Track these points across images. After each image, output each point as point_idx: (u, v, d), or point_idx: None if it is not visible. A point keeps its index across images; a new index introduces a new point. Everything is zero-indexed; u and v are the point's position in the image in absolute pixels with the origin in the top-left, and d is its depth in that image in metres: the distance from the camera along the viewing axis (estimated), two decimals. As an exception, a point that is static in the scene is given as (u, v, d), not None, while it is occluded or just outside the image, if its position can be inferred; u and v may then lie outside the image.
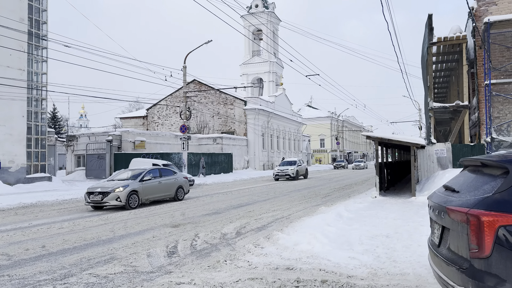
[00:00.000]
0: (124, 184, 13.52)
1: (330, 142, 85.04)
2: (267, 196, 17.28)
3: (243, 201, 15.52)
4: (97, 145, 31.73)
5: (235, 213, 12.08)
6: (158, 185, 14.76)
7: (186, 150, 28.32)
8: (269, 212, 12.32)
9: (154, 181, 14.58)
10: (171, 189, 15.42)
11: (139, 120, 50.39)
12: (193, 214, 12.09)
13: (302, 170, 30.82)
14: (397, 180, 21.86)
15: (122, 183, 13.58)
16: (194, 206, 14.07)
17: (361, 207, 11.79)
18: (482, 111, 14.67)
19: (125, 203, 13.11)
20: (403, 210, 10.83)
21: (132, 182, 13.72)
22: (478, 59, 14.86)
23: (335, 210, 10.83)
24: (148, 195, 14.21)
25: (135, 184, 13.72)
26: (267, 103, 50.92)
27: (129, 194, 13.26)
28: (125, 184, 13.52)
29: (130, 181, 13.77)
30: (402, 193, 15.47)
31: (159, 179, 14.84)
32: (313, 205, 13.97)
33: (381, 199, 13.52)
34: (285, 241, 7.55)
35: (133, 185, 13.62)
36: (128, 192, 13.25)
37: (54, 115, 73.54)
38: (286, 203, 14.59)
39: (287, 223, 10.03)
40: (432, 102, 15.61)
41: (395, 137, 13.15)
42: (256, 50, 71.13)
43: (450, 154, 15.30)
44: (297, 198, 16.34)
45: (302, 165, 31.12)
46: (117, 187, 13.22)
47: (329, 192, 18.88)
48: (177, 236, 8.71)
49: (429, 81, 15.60)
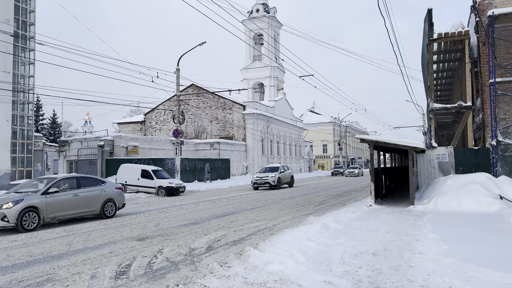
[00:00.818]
0: (17, 198, 10.37)
1: (333, 148, 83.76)
2: (257, 204, 16.21)
3: (229, 209, 14.46)
4: (89, 150, 30.83)
5: (215, 224, 11.02)
6: (73, 198, 11.46)
7: (179, 156, 27.31)
8: (253, 222, 11.26)
9: (66, 194, 11.33)
10: (94, 203, 12.11)
11: (136, 126, 49.55)
12: (168, 224, 11.04)
13: (285, 177, 27.02)
14: (398, 187, 20.69)
15: (15, 197, 10.47)
16: (173, 215, 13.02)
17: (353, 217, 10.68)
18: (486, 112, 13.55)
19: (15, 223, 9.99)
20: (398, 221, 9.71)
21: (30, 196, 10.59)
22: (482, 56, 13.76)
23: (323, 220, 9.74)
24: (56, 212, 10.99)
25: (34, 198, 10.53)
26: (266, 107, 49.94)
27: (22, 212, 10.10)
28: (18, 198, 10.37)
29: (30, 194, 10.69)
30: (401, 202, 14.33)
31: (74, 191, 11.59)
32: (304, 214, 12.91)
33: (376, 208, 12.39)
34: (256, 259, 6.49)
35: (30, 199, 10.42)
36: (21, 208, 10.08)
37: (54, 121, 73.12)
38: (275, 212, 13.53)
39: (268, 235, 8.97)
40: (433, 103, 14.49)
41: (391, 140, 12.07)
42: (257, 55, 70.33)
43: (453, 158, 14.16)
44: (288, 206, 15.26)
45: (285, 172, 27.32)
46: (5, 203, 10.11)
47: (316, 202, 17.76)
48: (138, 251, 7.67)
49: (429, 80, 14.50)
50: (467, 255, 5.85)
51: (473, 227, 8.28)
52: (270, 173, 25.42)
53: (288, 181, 27.46)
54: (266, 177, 25.00)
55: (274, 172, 25.80)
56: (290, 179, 27.95)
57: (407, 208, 12.24)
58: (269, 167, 27.68)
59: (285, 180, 26.87)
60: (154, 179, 22.12)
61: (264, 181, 25.05)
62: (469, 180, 12.01)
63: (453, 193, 11.80)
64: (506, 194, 11.22)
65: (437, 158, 14.41)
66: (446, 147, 14.35)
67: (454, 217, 9.93)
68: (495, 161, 13.29)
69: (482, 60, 13.82)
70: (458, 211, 10.84)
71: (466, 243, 6.72)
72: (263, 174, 25.68)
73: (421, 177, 14.69)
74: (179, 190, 22.29)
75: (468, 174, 12.78)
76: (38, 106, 70.21)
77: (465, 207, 11.13)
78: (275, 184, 24.99)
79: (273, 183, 24.96)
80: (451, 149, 14.26)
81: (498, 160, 13.13)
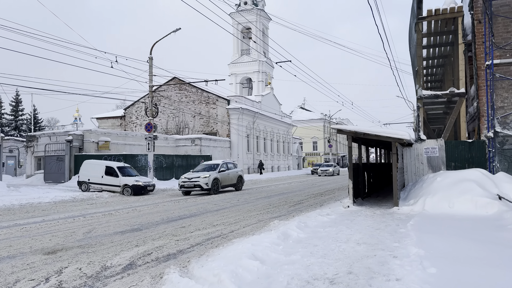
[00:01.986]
0: None
1: (323, 145, 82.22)
2: (227, 204, 14.38)
3: (190, 211, 12.61)
4: (57, 145, 28.75)
5: (161, 230, 9.17)
6: None
7: (151, 151, 25.34)
8: (209, 227, 9.45)
9: None
10: None
11: (116, 121, 47.36)
12: (103, 231, 9.15)
13: (228, 178, 20.73)
14: (385, 185, 18.98)
15: None
16: (118, 219, 11.12)
17: (325, 221, 8.90)
18: (482, 100, 11.83)
19: None
20: (377, 227, 7.93)
21: None
22: (477, 36, 12.04)
23: (285, 226, 7.95)
24: None
25: None
26: (252, 102, 48.04)
27: None
28: None
29: None
30: (384, 202, 12.59)
31: None
32: (275, 216, 11.15)
33: (354, 209, 10.62)
34: (172, 287, 4.66)
35: None
36: None
37: (35, 116, 70.45)
38: (242, 214, 11.74)
39: (213, 246, 7.16)
40: (421, 90, 12.75)
41: (372, 131, 10.30)
42: (245, 49, 68.37)
43: (443, 153, 12.44)
44: (261, 207, 13.47)
45: (228, 171, 20.91)
46: None
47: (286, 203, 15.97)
48: (31, 271, 5.82)
49: (418, 64, 12.77)
50: (463, 285, 4.07)
51: (468, 237, 6.52)
52: (202, 173, 19.24)
53: (233, 183, 21.26)
54: (197, 178, 18.81)
55: (211, 171, 19.68)
56: (237, 180, 21.64)
57: (390, 210, 10.49)
58: (207, 164, 21.42)
59: (227, 181, 20.67)
60: (119, 176, 20.18)
61: (194, 184, 18.72)
62: (462, 177, 10.29)
63: (444, 192, 10.07)
64: (506, 194, 9.52)
65: (426, 153, 12.68)
66: (436, 140, 12.62)
67: (444, 222, 8.18)
68: (491, 155, 11.59)
69: (477, 40, 12.09)
70: (450, 214, 9.10)
71: (460, 263, 4.95)
72: (195, 174, 19.39)
73: (407, 174, 12.95)
74: (147, 189, 20.38)
75: (461, 171, 11.06)
76: (18, 101, 67.64)
77: (457, 209, 9.41)
78: (209, 188, 18.80)
79: (206, 186, 18.69)
80: (441, 142, 12.53)
81: (495, 154, 11.44)
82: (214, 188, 19.19)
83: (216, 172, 19.84)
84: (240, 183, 21.97)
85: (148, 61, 25.64)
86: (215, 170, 19.91)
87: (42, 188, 23.12)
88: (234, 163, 22.63)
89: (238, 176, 21.93)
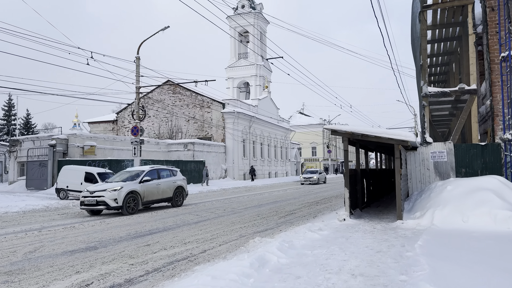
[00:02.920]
0: None
1: (323, 150, 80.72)
2: (210, 215, 12.89)
3: (165, 224, 11.11)
4: (41, 150, 27.28)
5: (119, 249, 7.69)
6: None
7: (138, 156, 23.85)
8: (178, 246, 7.97)
9: None
10: None
11: (108, 125, 45.90)
12: (50, 251, 7.66)
13: (159, 191, 15.05)
14: (385, 193, 17.48)
15: None
16: (77, 234, 9.62)
17: (315, 239, 7.41)
18: (496, 97, 10.41)
19: None
20: (378, 248, 6.44)
21: None
22: (489, 26, 10.64)
23: (266, 247, 6.47)
24: None
25: None
26: (249, 106, 46.60)
27: None
28: None
29: None
30: (386, 213, 11.09)
31: None
32: (260, 230, 9.72)
33: (351, 223, 9.13)
34: None
35: None
36: None
37: (28, 121, 69.10)
38: (224, 227, 10.27)
39: (171, 275, 5.69)
40: (427, 87, 11.32)
41: (372, 132, 8.84)
42: (243, 53, 67.17)
43: (453, 157, 10.97)
44: (248, 218, 12.00)
45: (160, 181, 15.15)
46: None
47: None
48: None
49: (422, 58, 11.32)
50: None
51: (498, 266, 5.03)
52: (113, 185, 13.75)
53: (166, 197, 15.40)
54: (102, 191, 13.28)
55: (128, 181, 14.12)
56: (174, 193, 15.71)
57: (392, 224, 8.99)
58: (130, 171, 15.29)
59: (155, 195, 14.81)
60: (99, 183, 18.67)
61: (96, 200, 13.16)
62: (477, 186, 8.81)
63: (456, 204, 8.59)
64: (530, 206, 8.03)
65: (432, 157, 11.21)
66: (444, 143, 11.15)
67: (460, 241, 6.69)
68: (508, 160, 10.14)
69: (490, 30, 10.68)
70: (464, 230, 7.62)
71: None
72: (102, 186, 14.00)
73: (412, 182, 11.46)
74: (130, 197, 18.84)
75: (474, 178, 9.59)
76: (10, 105, 66.31)
77: (473, 224, 7.93)
78: (119, 206, 13.20)
79: (115, 204, 13.13)
80: (450, 145, 11.06)
81: (512, 159, 9.98)
82: (129, 206, 13.45)
83: (135, 182, 14.04)
84: (179, 197, 15.98)
85: (135, 61, 24.22)
86: (135, 180, 14.18)
87: (20, 195, 21.64)
88: (172, 170, 16.45)
89: (176, 188, 15.80)
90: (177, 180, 16.23)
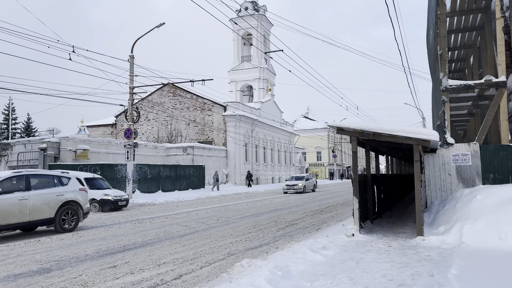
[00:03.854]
0: None
1: (328, 155, 78.97)
2: (200, 226, 11.43)
3: (147, 237, 9.66)
4: (31, 154, 25.99)
5: (75, 273, 6.25)
6: None
7: (131, 161, 22.45)
8: (150, 268, 6.52)
9: None
10: None
11: (107, 129, 44.65)
12: (-11, 275, 6.22)
13: (29, 209, 9.81)
14: (396, 200, 15.90)
15: None
16: (34, 252, 8.18)
17: (317, 262, 5.92)
18: (530, 90, 8.86)
19: None
20: (400, 278, 4.92)
21: None
22: (521, 8, 9.13)
23: (253, 274, 5.00)
24: None
25: None
26: (251, 109, 45.15)
27: None
28: None
29: None
30: (400, 226, 9.55)
31: None
32: (254, 246, 8.28)
33: (362, 239, 7.61)
34: None
35: None
36: None
37: (28, 125, 68.24)
38: (212, 242, 8.83)
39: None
40: (447, 79, 9.80)
41: (386, 130, 7.33)
42: (246, 56, 65.97)
43: (478, 161, 9.43)
44: (243, 230, 10.54)
45: (30, 193, 9.90)
46: None
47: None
48: None
49: (441, 46, 9.83)
50: None
51: None
52: None
53: (46, 218, 10.34)
54: None
55: None
56: (57, 211, 10.55)
57: (412, 241, 7.46)
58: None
59: (21, 216, 9.69)
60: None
61: None
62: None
63: (490, 217, 7.06)
64: None
65: (454, 161, 9.68)
66: (468, 144, 9.62)
67: (504, 268, 5.17)
68: (548, 164, 8.60)
69: (522, 13, 9.15)
70: (505, 251, 6.09)
71: None
72: None
73: (430, 189, 9.92)
74: (119, 204, 17.44)
75: (508, 186, 8.04)
76: (11, 109, 65.49)
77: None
78: None
79: None
80: (475, 146, 9.53)
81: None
82: None
83: None
84: (68, 217, 10.86)
85: (128, 60, 22.93)
86: None
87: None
88: (60, 177, 11.19)
89: (63, 204, 10.76)
90: (66, 191, 10.92)
